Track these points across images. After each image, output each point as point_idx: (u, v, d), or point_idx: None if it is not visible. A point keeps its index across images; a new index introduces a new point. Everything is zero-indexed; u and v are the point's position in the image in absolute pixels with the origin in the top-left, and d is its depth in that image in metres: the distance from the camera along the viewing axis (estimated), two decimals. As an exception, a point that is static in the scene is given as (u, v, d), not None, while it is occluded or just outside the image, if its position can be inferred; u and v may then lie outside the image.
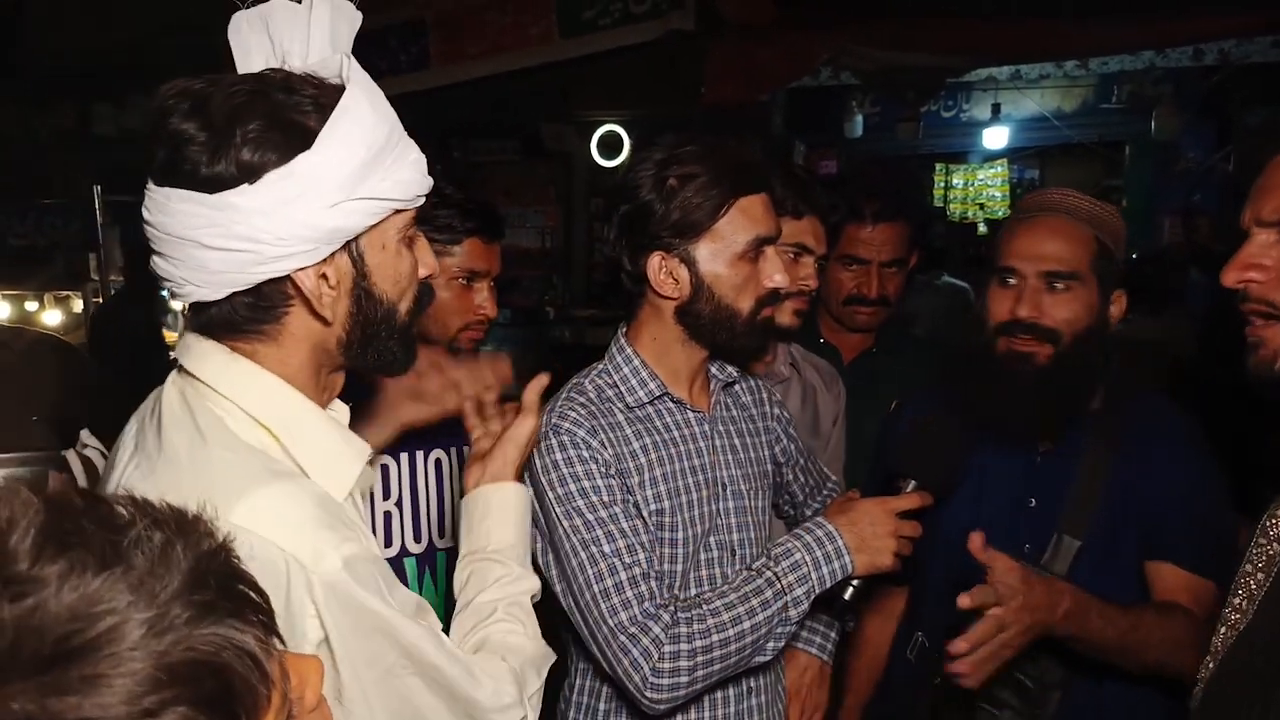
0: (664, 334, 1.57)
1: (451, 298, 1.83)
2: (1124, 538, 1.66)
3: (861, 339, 2.32)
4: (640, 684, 1.40)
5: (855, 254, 2.20)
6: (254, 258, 0.99)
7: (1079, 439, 1.69)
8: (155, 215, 1.00)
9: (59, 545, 0.53)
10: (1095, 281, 1.61)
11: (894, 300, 2.26)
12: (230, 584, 0.60)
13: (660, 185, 1.48)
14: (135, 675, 0.51)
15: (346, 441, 1.13)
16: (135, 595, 0.53)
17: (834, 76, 6.42)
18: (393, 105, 1.05)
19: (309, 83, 1.02)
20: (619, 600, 1.43)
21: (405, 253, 1.11)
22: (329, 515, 1.01)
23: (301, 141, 0.97)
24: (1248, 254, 1.20)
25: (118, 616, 0.52)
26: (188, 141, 0.97)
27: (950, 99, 8.53)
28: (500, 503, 1.35)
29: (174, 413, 1.05)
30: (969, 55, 4.86)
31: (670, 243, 1.50)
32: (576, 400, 1.55)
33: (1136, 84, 7.69)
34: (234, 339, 1.06)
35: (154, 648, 0.52)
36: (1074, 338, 1.60)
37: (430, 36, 5.05)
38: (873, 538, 1.48)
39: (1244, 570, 1.23)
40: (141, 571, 0.55)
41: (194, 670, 0.54)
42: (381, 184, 1.02)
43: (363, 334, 1.10)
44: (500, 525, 1.34)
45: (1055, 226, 1.62)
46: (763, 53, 4.49)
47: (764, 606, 1.44)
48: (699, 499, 1.58)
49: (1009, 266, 1.63)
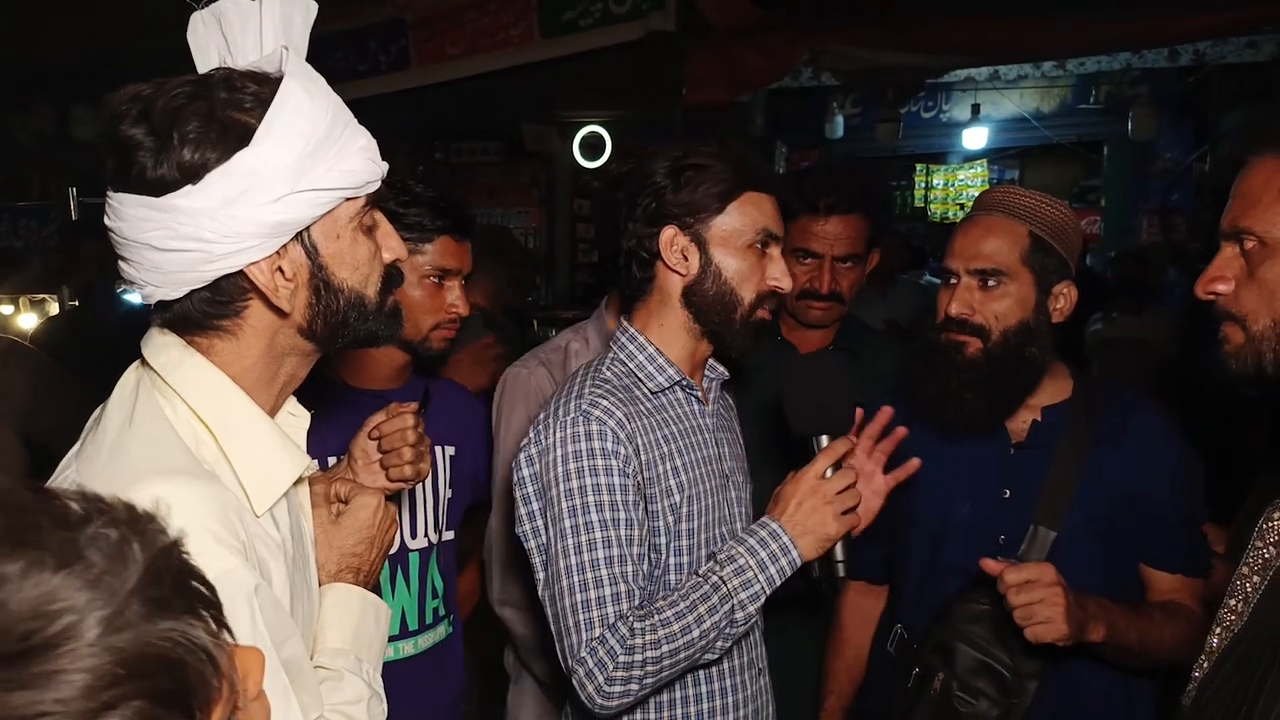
0: (670, 319, 1.61)
1: (423, 296, 1.82)
2: (1103, 530, 1.69)
3: (820, 336, 2.29)
4: (593, 693, 1.45)
5: (807, 247, 2.18)
6: (203, 256, 0.99)
7: (1053, 431, 1.72)
8: (113, 220, 1.02)
9: (16, 543, 0.54)
10: (1030, 276, 1.67)
11: (848, 297, 2.23)
12: (183, 580, 0.61)
13: (675, 174, 1.57)
14: (94, 671, 0.52)
15: (284, 449, 1.11)
16: (93, 592, 0.54)
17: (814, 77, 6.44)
18: (372, 106, 1.05)
19: (251, 78, 1.01)
20: (596, 614, 1.45)
21: (363, 239, 1.10)
22: (223, 527, 0.97)
23: (240, 138, 0.97)
24: (1214, 267, 1.27)
25: (76, 614, 0.53)
26: (135, 147, 0.98)
27: (930, 100, 8.58)
28: (338, 603, 1.26)
29: (121, 397, 1.07)
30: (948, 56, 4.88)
31: (684, 220, 1.57)
32: (604, 387, 1.55)
33: (1114, 84, 7.76)
34: (194, 334, 1.07)
35: (112, 643, 0.53)
36: (1004, 332, 1.67)
37: (410, 37, 5.03)
38: (808, 517, 1.50)
39: (1239, 572, 1.25)
40: (99, 569, 0.55)
41: (150, 665, 0.55)
42: (327, 174, 1.02)
43: (326, 321, 1.10)
44: (336, 625, 1.24)
45: (988, 225, 1.70)
46: (743, 54, 4.49)
47: (711, 613, 1.47)
48: (711, 489, 1.62)
49: (947, 267, 1.73)
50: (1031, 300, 1.67)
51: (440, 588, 1.95)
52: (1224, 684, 1.21)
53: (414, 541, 1.89)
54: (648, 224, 1.59)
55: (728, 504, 1.66)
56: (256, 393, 1.09)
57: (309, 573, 1.21)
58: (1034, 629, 1.49)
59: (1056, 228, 1.69)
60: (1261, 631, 1.19)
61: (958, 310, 1.69)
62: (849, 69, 4.95)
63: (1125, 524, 1.68)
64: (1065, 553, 1.65)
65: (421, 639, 1.89)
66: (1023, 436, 1.75)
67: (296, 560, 1.15)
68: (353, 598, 1.26)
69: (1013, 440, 1.76)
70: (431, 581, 1.93)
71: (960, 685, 1.64)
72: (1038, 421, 1.74)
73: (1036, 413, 1.74)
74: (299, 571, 1.15)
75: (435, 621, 1.93)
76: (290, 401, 1.20)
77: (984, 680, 1.64)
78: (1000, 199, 1.74)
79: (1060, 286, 1.70)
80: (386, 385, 1.86)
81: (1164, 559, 1.70)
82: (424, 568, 1.91)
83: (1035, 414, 1.74)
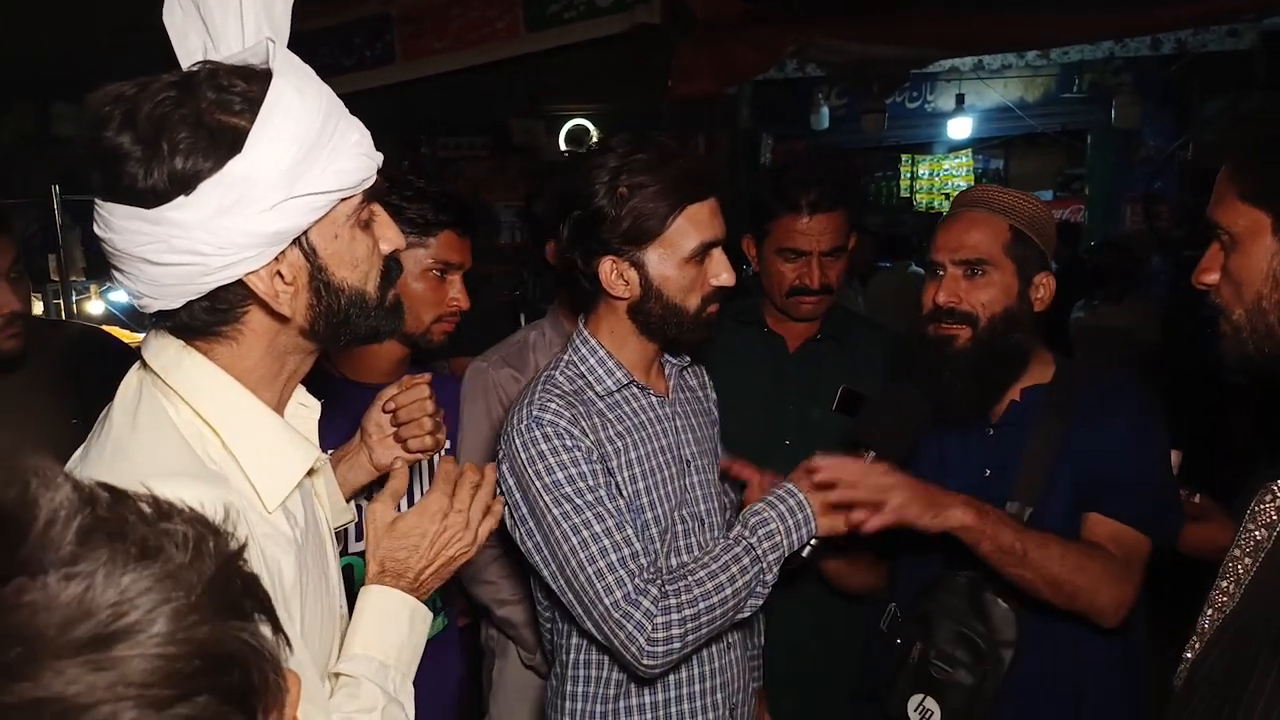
0: (619, 328, 1.64)
1: (425, 290, 1.83)
2: (1079, 505, 1.72)
3: (806, 326, 2.31)
4: (637, 654, 1.50)
5: (794, 246, 2.19)
6: (200, 269, 0.96)
7: (1030, 411, 1.77)
8: (104, 231, 0.98)
9: (105, 535, 0.56)
10: (1012, 266, 1.73)
11: (836, 286, 2.26)
12: (250, 585, 0.63)
13: (612, 193, 1.54)
14: (171, 659, 0.54)
15: (292, 443, 1.10)
16: (172, 584, 0.56)
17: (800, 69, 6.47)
18: (359, 101, 1.02)
19: (238, 76, 0.97)
20: (613, 579, 1.50)
21: (360, 235, 1.08)
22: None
23: (232, 145, 0.93)
24: (1204, 260, 1.32)
25: (155, 603, 0.55)
26: (123, 157, 0.94)
27: (915, 90, 8.60)
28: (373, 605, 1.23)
29: (125, 399, 1.06)
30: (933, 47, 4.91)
31: (621, 248, 1.56)
32: (553, 392, 1.59)
33: (1097, 73, 7.81)
34: (194, 339, 1.05)
35: (189, 635, 0.55)
36: (991, 318, 1.72)
37: (395, 32, 5.01)
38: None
39: (1231, 554, 1.29)
40: (177, 563, 0.57)
41: (222, 661, 0.57)
42: (321, 177, 0.98)
43: (328, 322, 1.08)
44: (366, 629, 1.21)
45: (971, 219, 1.76)
46: (730, 46, 4.50)
47: (743, 573, 1.55)
48: (669, 476, 1.66)
49: (933, 260, 1.79)
50: (1015, 289, 1.73)
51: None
52: (1216, 666, 1.23)
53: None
54: (585, 254, 1.59)
55: (689, 488, 1.70)
56: (261, 390, 1.08)
57: (327, 564, 1.21)
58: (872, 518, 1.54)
59: (1034, 222, 1.75)
60: (1254, 614, 1.21)
61: (945, 299, 1.73)
62: (835, 61, 4.96)
63: (1099, 497, 1.70)
64: (1043, 525, 1.68)
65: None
66: (999, 417, 1.81)
67: (313, 553, 1.14)
68: (388, 599, 1.22)
69: (992, 421, 1.81)
70: (430, 574, 1.94)
71: (938, 654, 1.71)
72: (1015, 402, 1.79)
73: (1016, 394, 1.79)
74: (315, 564, 1.15)
75: (434, 613, 1.94)
76: (300, 392, 1.19)
77: (961, 649, 1.70)
78: (980, 196, 1.81)
79: (1040, 277, 1.76)
80: (386, 379, 1.86)
81: (1091, 503, 1.69)
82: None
83: (1015, 395, 1.79)
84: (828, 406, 2.19)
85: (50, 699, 0.50)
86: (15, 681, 0.50)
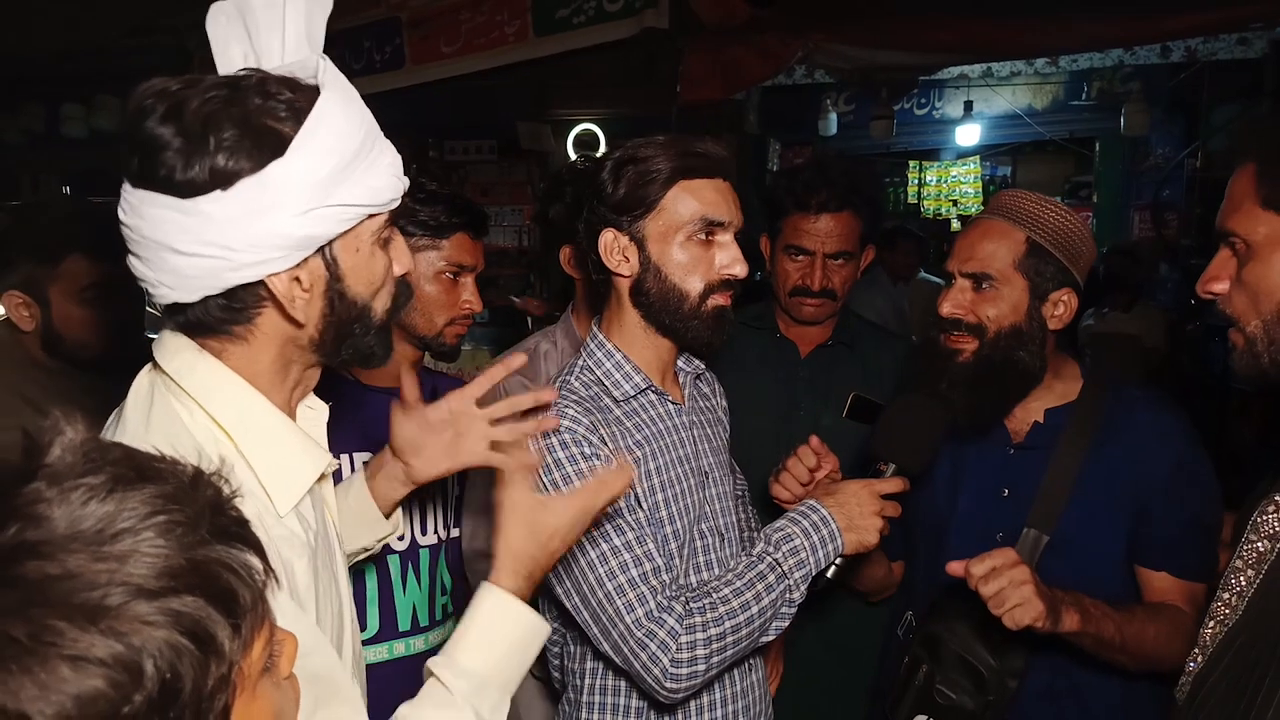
0: (627, 320, 1.60)
1: (439, 292, 1.83)
2: (1100, 534, 1.68)
3: (818, 332, 2.30)
4: (660, 676, 1.43)
5: (800, 244, 2.19)
6: (226, 264, 0.99)
7: (1053, 432, 1.72)
8: (129, 217, 1.00)
9: (111, 462, 0.68)
10: (1024, 282, 1.66)
11: (841, 294, 2.24)
12: (241, 523, 0.73)
13: (616, 171, 1.54)
14: (163, 559, 0.65)
15: (304, 448, 1.11)
16: (170, 503, 0.67)
17: (808, 75, 6.46)
18: (368, 105, 1.05)
19: (285, 85, 1.01)
20: (634, 596, 1.44)
21: (379, 253, 1.11)
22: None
23: (275, 149, 0.97)
24: (1211, 268, 1.29)
25: (153, 513, 0.66)
26: (164, 146, 0.96)
27: (923, 96, 8.59)
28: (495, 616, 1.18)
29: (137, 400, 1.07)
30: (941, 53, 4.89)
31: (620, 220, 1.54)
32: (570, 398, 1.55)
33: (1106, 81, 7.78)
34: (206, 337, 1.07)
35: (179, 543, 0.66)
36: (998, 333, 1.67)
37: (405, 36, 5.02)
38: (860, 518, 1.54)
39: (1233, 566, 1.26)
40: (174, 487, 0.69)
41: (210, 571, 0.67)
42: (354, 190, 1.02)
43: (336, 334, 1.10)
44: (480, 645, 1.16)
45: (986, 229, 1.70)
46: (737, 52, 4.49)
47: (769, 590, 1.49)
48: (688, 488, 1.61)
49: (947, 270, 1.75)
50: (1024, 306, 1.67)
51: (449, 584, 1.97)
52: (1220, 680, 1.22)
53: (424, 538, 1.91)
54: (588, 229, 1.58)
55: (708, 501, 1.65)
56: (271, 394, 1.09)
57: (336, 567, 1.21)
58: (1011, 613, 1.46)
59: (1060, 235, 1.67)
60: (1258, 627, 1.19)
61: (949, 310, 1.70)
62: (842, 67, 4.95)
63: (1124, 525, 1.68)
64: (1062, 554, 1.66)
65: (433, 635, 1.90)
66: (1022, 437, 1.76)
67: (322, 557, 1.15)
68: (511, 613, 1.17)
69: (1013, 440, 1.77)
70: (441, 578, 1.95)
71: (942, 678, 1.67)
72: (1039, 423, 1.74)
73: (1039, 414, 1.75)
74: (325, 568, 1.15)
75: (445, 618, 1.95)
76: (308, 395, 1.20)
77: (966, 678, 1.66)
78: (1005, 203, 1.73)
79: (1059, 294, 1.68)
80: (397, 382, 1.86)
81: (1156, 559, 1.68)
82: (434, 564, 1.92)
83: (1038, 415, 1.75)
84: (839, 413, 2.18)
85: (60, 575, 0.62)
86: (31, 560, 0.62)
